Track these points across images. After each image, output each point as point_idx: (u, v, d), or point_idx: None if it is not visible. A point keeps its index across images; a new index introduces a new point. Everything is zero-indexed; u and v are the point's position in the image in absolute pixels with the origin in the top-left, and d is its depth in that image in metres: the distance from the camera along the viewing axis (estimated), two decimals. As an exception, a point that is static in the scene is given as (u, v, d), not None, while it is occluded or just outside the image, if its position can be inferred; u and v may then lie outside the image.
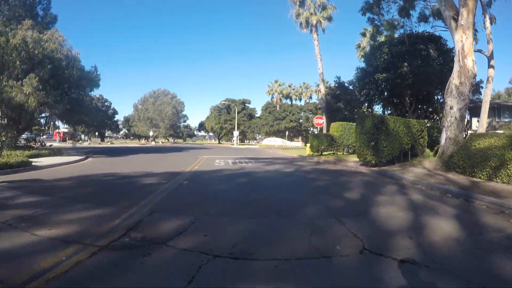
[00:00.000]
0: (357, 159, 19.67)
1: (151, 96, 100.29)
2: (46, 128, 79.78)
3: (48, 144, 29.02)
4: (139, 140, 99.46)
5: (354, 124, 25.26)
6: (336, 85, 44.98)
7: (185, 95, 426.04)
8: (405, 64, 29.95)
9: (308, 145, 32.09)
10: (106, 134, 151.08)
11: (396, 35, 35.21)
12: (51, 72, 24.36)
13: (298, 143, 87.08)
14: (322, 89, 43.81)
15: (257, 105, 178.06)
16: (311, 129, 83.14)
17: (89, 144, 67.80)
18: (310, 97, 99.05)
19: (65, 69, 26.32)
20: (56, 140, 69.89)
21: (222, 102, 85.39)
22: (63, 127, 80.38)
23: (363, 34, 47.66)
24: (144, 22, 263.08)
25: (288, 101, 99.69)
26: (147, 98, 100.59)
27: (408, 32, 32.94)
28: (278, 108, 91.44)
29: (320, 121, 34.42)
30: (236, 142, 79.10)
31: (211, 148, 51.61)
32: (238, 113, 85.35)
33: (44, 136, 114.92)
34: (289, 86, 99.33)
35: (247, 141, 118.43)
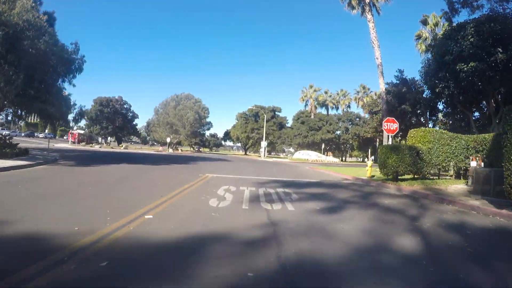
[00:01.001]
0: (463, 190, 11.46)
1: (173, 99, 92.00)
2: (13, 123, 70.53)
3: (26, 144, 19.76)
4: (158, 146, 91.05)
5: (447, 132, 19.38)
6: (398, 81, 34.64)
7: (212, 103, 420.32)
8: (499, 49, 20.47)
9: (370, 162, 22.38)
10: (127, 139, 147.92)
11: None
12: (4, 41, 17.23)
13: (332, 157, 76.74)
14: (381, 85, 33.26)
15: (288, 114, 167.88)
16: (350, 142, 72.75)
17: (100, 147, 59.67)
18: (349, 106, 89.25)
19: (27, 40, 18.44)
20: (69, 141, 65.63)
21: (250, 108, 75.88)
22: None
23: (424, 22, 37.05)
24: (171, 26, 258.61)
25: (324, 110, 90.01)
26: (168, 102, 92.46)
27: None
28: (312, 117, 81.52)
29: (393, 125, 22.65)
30: (263, 154, 69.50)
31: (232, 161, 42.14)
32: (267, 121, 76.13)
33: (40, 135, 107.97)
34: (325, 92, 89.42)
35: (275, 154, 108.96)
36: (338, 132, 75.09)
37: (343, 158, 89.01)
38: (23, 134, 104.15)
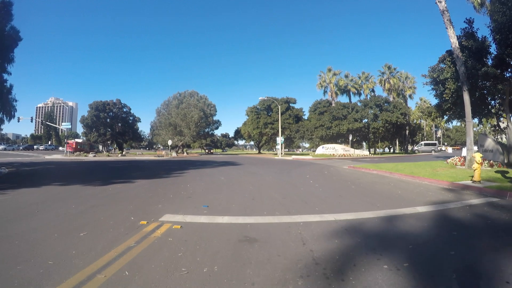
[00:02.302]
0: None
1: (175, 98, 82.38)
2: None
3: None
4: (159, 151, 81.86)
5: None
6: (465, 36, 23.42)
7: (221, 101, 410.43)
8: None
9: (477, 156, 12.18)
10: (132, 145, 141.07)
11: None
12: None
13: (361, 150, 65.63)
14: (452, 39, 21.40)
15: (303, 105, 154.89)
16: (381, 130, 61.83)
17: (94, 156, 51.06)
18: (373, 91, 78.23)
19: None
20: (66, 151, 58.45)
21: (261, 100, 64.13)
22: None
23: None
24: (170, 19, 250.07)
25: (344, 98, 79.10)
26: (170, 101, 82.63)
27: None
28: (333, 105, 70.62)
29: None
30: (280, 152, 59.06)
31: (241, 164, 32.58)
32: (281, 114, 65.40)
33: (41, 147, 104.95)
34: (346, 76, 78.14)
35: (291, 150, 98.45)
36: (364, 120, 63.78)
37: (373, 150, 77.98)
38: (21, 148, 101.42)
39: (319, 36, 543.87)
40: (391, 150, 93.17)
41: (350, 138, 57.92)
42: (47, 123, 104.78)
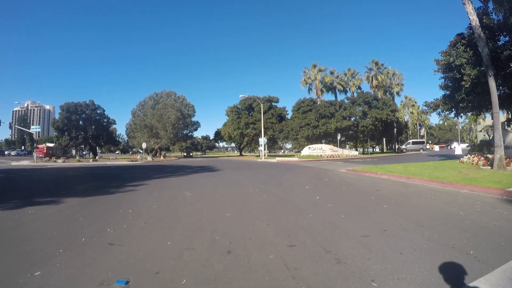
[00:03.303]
0: None
1: (151, 98, 77.72)
2: None
3: None
4: (132, 155, 76.72)
5: None
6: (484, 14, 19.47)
7: (200, 103, 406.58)
8: None
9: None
10: (108, 149, 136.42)
11: None
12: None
13: (350, 150, 61.81)
14: (472, 15, 17.39)
15: (286, 105, 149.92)
16: (370, 128, 58.03)
17: (63, 162, 47.08)
18: (359, 88, 74.43)
19: None
20: (36, 157, 52.38)
21: (242, 96, 59.44)
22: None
23: None
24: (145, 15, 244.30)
25: (330, 96, 75.47)
26: (147, 102, 77.77)
27: None
28: (318, 103, 66.56)
29: None
30: (263, 154, 54.57)
31: (220, 169, 28.43)
32: (264, 113, 60.82)
33: (13, 152, 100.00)
34: (331, 73, 74.51)
35: (273, 151, 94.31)
36: (353, 119, 59.81)
37: (361, 150, 74.14)
38: None
39: (302, 32, 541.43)
40: (378, 150, 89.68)
41: (339, 137, 53.93)
42: (17, 127, 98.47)
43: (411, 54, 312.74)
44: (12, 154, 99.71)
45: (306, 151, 55.95)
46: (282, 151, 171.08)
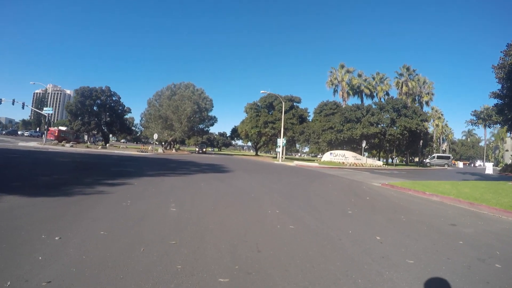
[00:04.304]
0: None
1: (168, 89, 75.11)
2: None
3: None
4: (143, 145, 73.69)
5: None
6: None
7: (220, 98, 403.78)
8: None
9: None
10: (124, 137, 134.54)
11: None
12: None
13: (373, 160, 57.56)
14: None
15: (307, 106, 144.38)
16: (399, 137, 53.46)
17: (71, 146, 46.22)
18: (387, 94, 70.24)
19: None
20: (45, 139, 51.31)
21: (263, 92, 54.87)
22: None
23: None
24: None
25: (356, 100, 71.10)
26: (164, 92, 74.88)
27: None
28: (343, 106, 62.51)
29: None
30: (281, 156, 50.83)
31: (230, 170, 24.91)
32: (285, 112, 56.72)
33: (26, 133, 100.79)
34: (359, 75, 70.59)
35: (289, 154, 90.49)
36: (382, 125, 55.38)
37: (387, 160, 69.78)
38: (3, 132, 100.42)
39: (328, 32, 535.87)
40: (397, 161, 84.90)
41: (364, 144, 49.66)
42: (29, 107, 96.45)
43: (441, 65, 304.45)
44: (25, 134, 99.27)
45: (327, 156, 51.99)
46: (299, 154, 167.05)
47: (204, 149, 78.88)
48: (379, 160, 62.26)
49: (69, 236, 5.49)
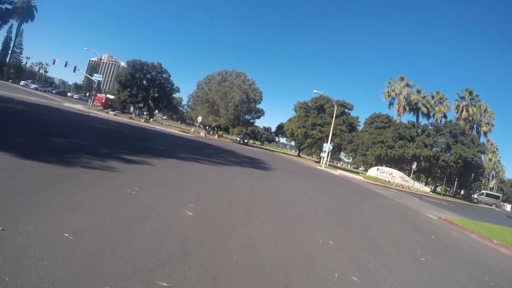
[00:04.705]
0: None
1: (219, 74, 74.66)
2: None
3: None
4: (187, 127, 72.98)
5: None
6: None
7: (266, 92, 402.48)
8: None
9: None
10: (170, 116, 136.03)
11: None
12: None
13: (420, 184, 54.35)
14: None
15: (357, 114, 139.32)
16: (452, 165, 50.01)
17: (114, 115, 47.21)
18: (445, 116, 65.75)
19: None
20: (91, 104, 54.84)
21: (315, 92, 52.24)
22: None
23: None
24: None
25: (411, 116, 67.81)
26: (214, 77, 74.60)
27: None
28: (398, 121, 59.40)
29: None
30: (325, 161, 48.69)
31: (271, 168, 22.89)
32: (335, 117, 54.20)
33: (75, 96, 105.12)
34: (418, 91, 66.53)
35: (330, 161, 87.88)
36: (434, 149, 51.89)
37: (434, 188, 66.16)
38: (54, 91, 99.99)
39: (388, 42, 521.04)
40: (445, 190, 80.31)
41: (414, 166, 46.68)
42: (80, 71, 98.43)
43: (502, 94, 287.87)
44: (74, 97, 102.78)
45: (373, 171, 49.59)
46: (341, 163, 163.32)
47: (245, 140, 75.55)
48: (426, 185, 58.66)
49: (15, 230, 3.87)
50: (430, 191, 52.03)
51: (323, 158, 50.19)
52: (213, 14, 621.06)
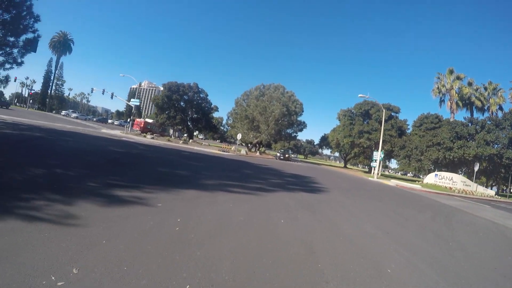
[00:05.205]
0: None
1: (257, 89, 73.52)
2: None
3: None
4: (227, 145, 70.85)
5: None
6: None
7: (307, 104, 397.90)
8: None
9: None
10: (211, 136, 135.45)
11: None
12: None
13: (484, 188, 49.59)
14: None
15: (406, 117, 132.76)
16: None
17: (152, 138, 46.53)
18: (500, 108, 60.03)
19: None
20: (126, 129, 55.82)
21: (360, 96, 48.66)
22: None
23: None
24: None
25: (465, 112, 62.95)
26: (252, 92, 73.69)
27: None
28: (451, 120, 54.90)
29: None
30: (376, 171, 45.15)
31: (323, 189, 18.96)
32: (384, 122, 50.65)
33: (116, 122, 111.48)
34: (469, 84, 61.72)
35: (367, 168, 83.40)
36: (496, 146, 47.10)
37: (498, 190, 60.37)
38: (94, 119, 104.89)
39: (429, 37, 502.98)
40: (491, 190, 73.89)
41: (476, 168, 42.33)
42: (117, 96, 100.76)
43: None
44: (115, 123, 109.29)
45: (431, 178, 45.56)
46: (388, 170, 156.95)
47: (286, 155, 69.11)
48: (489, 188, 53.55)
49: None
50: (495, 195, 47.24)
51: (374, 168, 46.85)
52: (245, 24, 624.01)
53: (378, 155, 45.62)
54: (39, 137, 19.63)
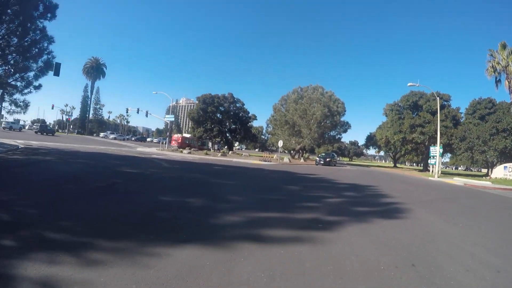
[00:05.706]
0: None
1: (294, 92, 70.35)
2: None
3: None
4: (269, 154, 67.54)
5: None
6: None
7: (349, 103, 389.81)
8: None
9: None
10: (253, 146, 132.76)
11: None
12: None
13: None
14: None
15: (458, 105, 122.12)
16: None
17: (189, 153, 47.49)
18: None
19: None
20: (162, 145, 57.56)
21: (410, 85, 43.26)
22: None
23: None
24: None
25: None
26: (290, 96, 70.59)
27: None
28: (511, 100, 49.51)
29: None
30: (437, 169, 40.39)
31: (396, 209, 12.15)
32: (434, 114, 46.04)
33: (155, 140, 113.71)
34: (527, 58, 55.43)
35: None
36: None
37: None
38: (133, 138, 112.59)
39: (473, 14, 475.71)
40: None
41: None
42: (153, 114, 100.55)
43: None
44: (154, 141, 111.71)
45: (500, 171, 40.88)
46: (442, 166, 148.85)
47: (328, 159, 57.29)
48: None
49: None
50: None
51: (432, 165, 42.37)
52: (276, 26, 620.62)
53: (437, 150, 41.29)
54: (41, 161, 17.67)
